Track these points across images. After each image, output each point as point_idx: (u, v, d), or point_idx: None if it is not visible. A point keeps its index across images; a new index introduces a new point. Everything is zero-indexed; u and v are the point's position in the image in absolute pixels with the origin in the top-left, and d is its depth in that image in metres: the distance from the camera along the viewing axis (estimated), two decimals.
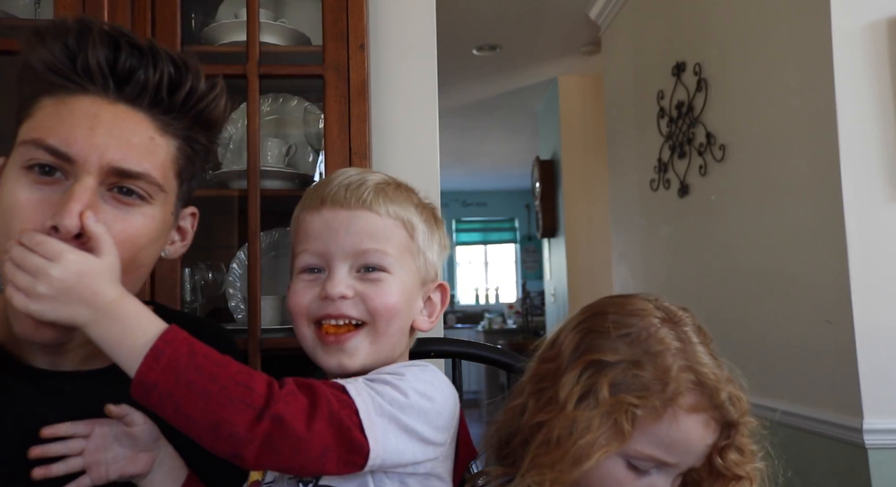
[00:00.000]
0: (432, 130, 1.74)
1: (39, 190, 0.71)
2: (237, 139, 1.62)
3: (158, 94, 0.75)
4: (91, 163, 0.71)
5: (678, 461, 0.73)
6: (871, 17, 1.74)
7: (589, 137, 4.71)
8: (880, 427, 1.64)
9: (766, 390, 2.05)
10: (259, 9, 1.52)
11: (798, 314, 1.91)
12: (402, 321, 0.79)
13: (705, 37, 2.45)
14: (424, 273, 0.82)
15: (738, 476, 0.75)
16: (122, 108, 0.74)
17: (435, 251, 0.84)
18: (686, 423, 0.72)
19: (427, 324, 0.83)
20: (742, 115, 2.22)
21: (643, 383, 0.72)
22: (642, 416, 0.71)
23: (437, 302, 0.84)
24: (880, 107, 1.72)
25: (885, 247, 1.70)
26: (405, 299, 0.79)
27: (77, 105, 0.72)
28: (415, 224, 0.80)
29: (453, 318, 8.09)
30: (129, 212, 0.75)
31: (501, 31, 3.93)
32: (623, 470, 0.73)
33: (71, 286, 0.64)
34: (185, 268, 1.53)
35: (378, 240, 0.77)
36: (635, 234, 3.18)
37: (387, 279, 0.77)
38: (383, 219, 0.78)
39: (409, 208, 0.81)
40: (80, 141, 0.71)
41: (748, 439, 0.75)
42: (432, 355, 1.19)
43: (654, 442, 0.72)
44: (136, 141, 0.74)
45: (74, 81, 0.73)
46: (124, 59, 0.73)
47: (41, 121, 0.72)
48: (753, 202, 2.14)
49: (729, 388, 0.74)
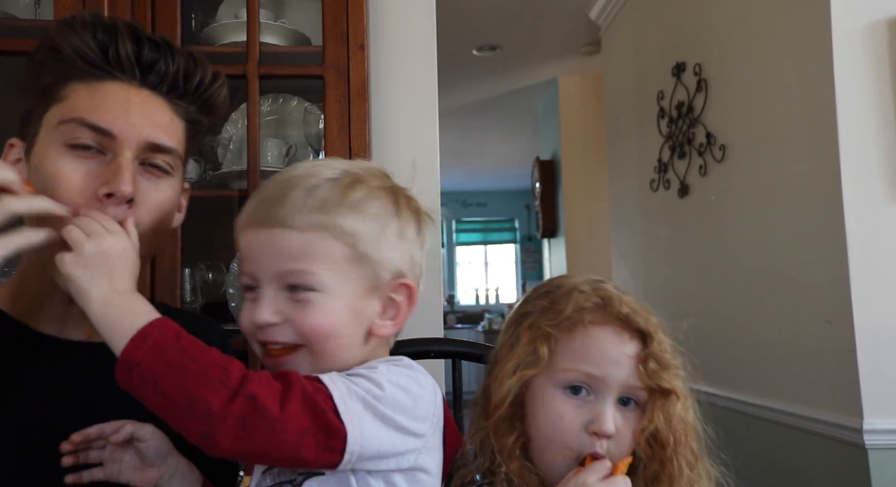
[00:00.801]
0: (432, 130, 1.74)
1: (84, 163, 0.80)
2: (237, 140, 1.62)
3: (176, 81, 0.86)
4: (129, 139, 0.81)
5: (603, 372, 0.79)
6: (871, 18, 1.74)
7: (589, 137, 4.72)
8: (880, 428, 1.64)
9: (767, 390, 2.05)
10: (259, 9, 1.53)
11: (798, 315, 1.91)
12: (343, 339, 0.73)
13: (705, 37, 2.45)
14: (374, 279, 0.73)
15: (664, 388, 0.80)
16: (147, 93, 0.84)
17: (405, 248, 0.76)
18: (597, 334, 0.80)
19: (389, 329, 0.76)
20: (742, 115, 2.22)
21: (555, 313, 0.82)
22: (556, 337, 0.81)
23: (402, 303, 0.76)
24: (880, 107, 1.72)
25: (886, 247, 1.70)
26: (345, 315, 0.72)
27: (110, 89, 0.82)
28: (354, 230, 0.72)
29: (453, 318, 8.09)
30: (159, 183, 0.85)
31: (501, 31, 3.93)
32: (561, 399, 0.80)
33: (110, 258, 0.71)
34: (186, 268, 1.54)
35: (299, 259, 0.71)
36: (635, 234, 3.18)
37: (316, 300, 0.71)
38: (304, 234, 0.71)
39: (347, 212, 0.72)
40: (120, 119, 0.80)
41: (668, 355, 0.81)
42: (432, 355, 1.19)
43: (574, 356, 0.80)
44: (162, 121, 0.85)
45: (105, 70, 0.82)
46: (147, 51, 0.83)
47: (76, 103, 0.81)
48: (753, 203, 2.14)
49: (634, 305, 0.82)
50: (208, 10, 1.69)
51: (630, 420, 0.81)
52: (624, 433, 0.80)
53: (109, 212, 0.78)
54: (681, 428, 0.81)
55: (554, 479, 0.79)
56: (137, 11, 1.47)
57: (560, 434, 0.79)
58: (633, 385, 0.80)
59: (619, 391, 0.80)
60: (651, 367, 0.80)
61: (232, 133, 1.65)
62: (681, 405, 0.82)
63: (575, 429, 0.79)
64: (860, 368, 1.66)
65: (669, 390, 0.80)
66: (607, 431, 0.78)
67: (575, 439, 0.79)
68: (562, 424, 0.79)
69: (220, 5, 1.67)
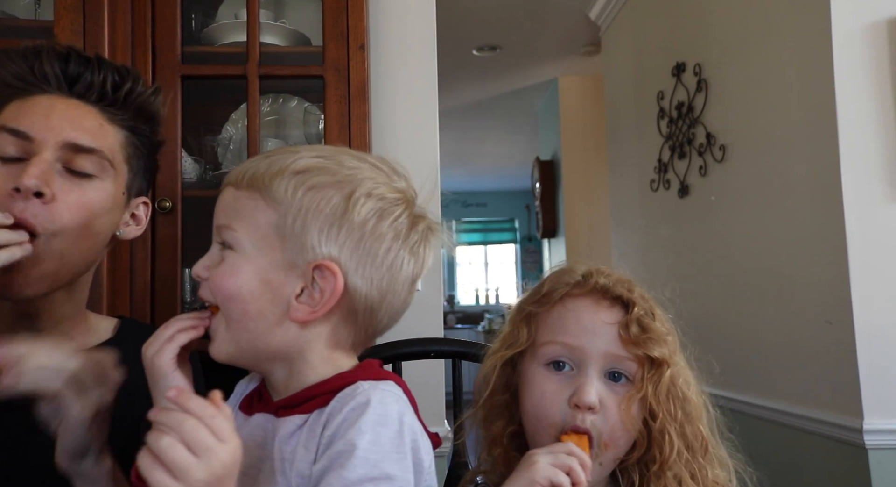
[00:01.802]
0: (432, 130, 1.74)
1: (4, 167, 0.84)
2: (237, 140, 1.63)
3: (104, 89, 0.91)
4: (48, 140, 0.85)
5: (580, 342, 0.77)
6: (871, 18, 1.74)
7: (589, 137, 4.72)
8: (880, 428, 1.64)
9: (767, 390, 2.05)
10: (259, 9, 1.53)
11: (798, 315, 1.91)
12: (248, 306, 0.67)
13: (705, 37, 2.45)
14: (294, 255, 0.67)
15: (652, 357, 0.77)
16: (74, 101, 0.89)
17: (351, 235, 0.68)
18: (574, 305, 0.80)
19: (301, 314, 0.68)
20: (742, 115, 2.22)
21: (536, 293, 0.83)
22: (536, 313, 0.81)
23: (326, 289, 0.67)
24: (880, 107, 1.72)
25: (886, 247, 1.70)
26: (253, 281, 0.67)
27: (36, 100, 0.88)
28: (283, 198, 0.68)
29: (453, 318, 8.09)
30: (82, 184, 0.87)
31: (501, 31, 3.93)
32: (544, 375, 0.79)
33: (223, 480, 0.57)
34: (185, 268, 1.54)
35: (229, 215, 0.70)
36: (635, 234, 3.18)
37: (229, 258, 0.69)
38: (238, 192, 0.70)
39: (287, 180, 0.68)
40: (38, 123, 0.85)
41: (656, 324, 0.79)
42: (432, 355, 1.19)
43: (551, 329, 0.80)
44: (88, 125, 0.89)
45: (34, 84, 0.88)
46: (73, 66, 0.89)
47: (7, 115, 0.87)
48: (753, 203, 2.14)
49: (617, 277, 0.81)
50: (208, 11, 1.69)
51: (619, 394, 0.77)
52: (611, 407, 0.76)
53: (18, 207, 0.81)
54: (675, 403, 0.78)
55: None
56: (137, 12, 1.47)
57: (544, 411, 0.77)
58: (616, 355, 0.77)
59: (601, 362, 0.77)
60: (634, 332, 0.77)
61: (232, 133, 1.65)
62: (672, 375, 0.78)
63: (557, 404, 0.77)
64: (860, 368, 1.66)
65: (657, 358, 0.77)
66: (587, 401, 0.75)
67: (558, 414, 0.76)
68: (544, 400, 0.77)
69: (220, 5, 1.67)
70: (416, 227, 0.72)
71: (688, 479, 0.77)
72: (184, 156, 1.54)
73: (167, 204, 1.47)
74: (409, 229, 0.71)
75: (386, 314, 0.72)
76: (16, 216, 0.80)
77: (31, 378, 0.70)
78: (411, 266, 0.72)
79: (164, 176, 1.48)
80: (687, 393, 0.80)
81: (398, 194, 0.72)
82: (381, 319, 0.72)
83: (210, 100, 1.71)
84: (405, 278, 0.72)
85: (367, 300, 0.70)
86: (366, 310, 0.70)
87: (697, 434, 0.79)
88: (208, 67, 1.58)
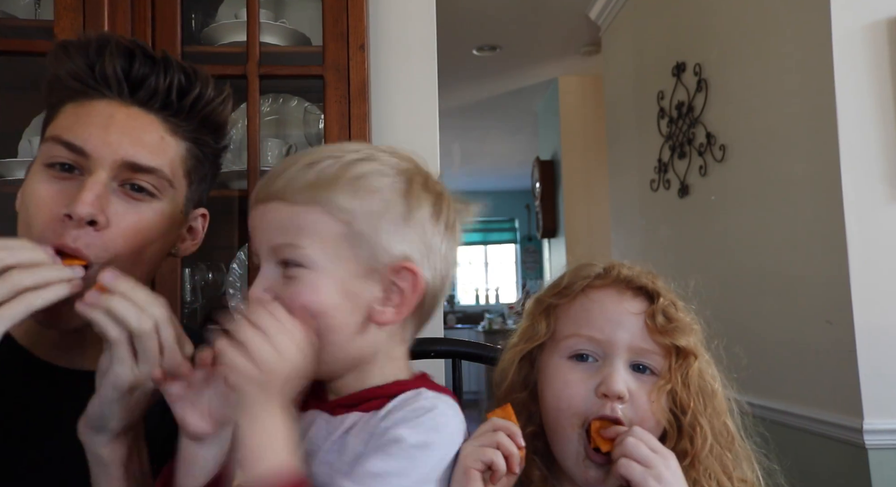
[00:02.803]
0: (432, 130, 1.74)
1: (58, 183, 0.78)
2: (237, 139, 1.63)
3: (169, 97, 0.82)
4: (104, 158, 0.77)
5: (606, 335, 0.76)
6: (871, 18, 1.74)
7: (589, 137, 4.72)
8: (880, 428, 1.64)
9: (767, 390, 2.05)
10: (259, 9, 1.53)
11: (798, 314, 1.91)
12: (333, 320, 0.67)
13: (705, 37, 2.45)
14: (371, 261, 0.67)
15: (679, 347, 0.76)
16: (136, 110, 0.81)
17: (415, 232, 0.69)
18: (596, 296, 0.78)
19: (388, 317, 0.69)
20: (742, 115, 2.22)
21: (555, 286, 0.82)
22: (556, 305, 0.80)
23: (406, 289, 0.68)
24: (880, 107, 1.72)
25: (885, 247, 1.70)
26: (335, 294, 0.67)
27: (94, 107, 0.80)
28: (349, 207, 0.67)
29: (453, 318, 8.09)
30: (139, 206, 0.80)
31: (501, 31, 3.93)
32: (566, 367, 0.77)
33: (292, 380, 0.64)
34: (186, 268, 1.54)
35: (289, 232, 0.67)
36: (635, 234, 3.18)
37: (304, 276, 0.67)
38: (294, 207, 0.67)
39: (345, 187, 0.67)
40: (95, 137, 0.78)
41: (681, 314, 0.79)
42: (432, 355, 1.19)
43: (574, 322, 0.78)
44: (148, 139, 0.81)
45: (93, 87, 0.80)
46: (138, 67, 0.81)
47: (62, 121, 0.80)
48: (753, 203, 2.14)
49: (639, 270, 0.81)
50: (208, 10, 1.69)
51: (646, 385, 0.75)
52: (639, 397, 0.74)
53: (71, 234, 0.75)
54: (704, 396, 0.77)
55: (569, 462, 0.75)
56: (137, 12, 1.47)
57: (567, 401, 0.75)
58: (642, 348, 0.76)
59: (628, 354, 0.76)
60: (660, 322, 0.76)
61: (232, 133, 1.64)
62: (700, 368, 0.77)
63: (581, 394, 0.75)
64: (860, 368, 1.66)
65: (684, 348, 0.76)
66: (616, 389, 0.73)
67: (582, 403, 0.74)
68: (568, 389, 0.75)
69: (220, 5, 1.67)
70: (448, 207, 0.73)
71: (719, 473, 0.76)
72: None
73: None
74: (455, 216, 0.73)
75: (437, 302, 0.74)
76: (68, 248, 0.75)
77: (111, 308, 0.68)
78: (455, 251, 0.74)
79: None
80: (714, 387, 0.79)
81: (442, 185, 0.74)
82: (434, 306, 0.74)
83: None
84: (452, 261, 0.74)
85: (433, 290, 0.71)
86: (430, 301, 0.72)
87: (724, 429, 0.78)
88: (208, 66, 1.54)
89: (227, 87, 0.91)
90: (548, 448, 0.79)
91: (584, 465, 0.74)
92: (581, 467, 0.75)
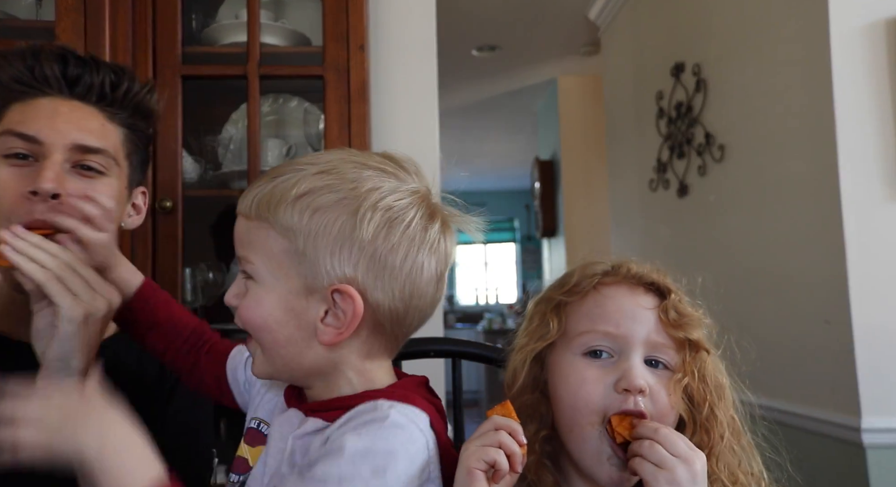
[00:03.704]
0: (432, 130, 1.74)
1: (18, 169, 0.89)
2: (237, 140, 1.63)
3: (103, 91, 0.94)
4: (56, 143, 0.89)
5: (622, 330, 0.76)
6: (870, 18, 1.74)
7: (588, 137, 4.72)
8: (878, 426, 1.64)
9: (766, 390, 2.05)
10: (259, 9, 1.53)
11: (797, 314, 1.91)
12: (276, 335, 0.68)
13: (704, 37, 2.45)
14: (311, 279, 0.67)
15: (693, 341, 0.77)
16: (76, 103, 0.93)
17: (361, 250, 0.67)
18: (610, 292, 0.78)
19: (328, 337, 0.68)
20: (741, 115, 2.22)
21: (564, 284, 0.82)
22: (567, 303, 0.79)
23: (347, 310, 0.67)
24: (878, 107, 1.73)
25: (884, 247, 1.70)
26: (277, 310, 0.68)
27: (39, 104, 0.91)
28: (290, 224, 0.67)
29: (453, 318, 8.09)
30: (92, 182, 0.92)
31: (501, 31, 3.93)
32: (582, 364, 0.76)
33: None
34: (186, 268, 1.54)
35: (244, 246, 0.71)
36: (635, 234, 3.19)
37: (252, 289, 0.70)
38: (249, 222, 0.70)
39: (291, 204, 0.67)
40: (45, 127, 0.89)
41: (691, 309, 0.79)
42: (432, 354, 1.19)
43: (589, 318, 0.77)
44: (91, 125, 0.93)
45: (35, 87, 0.91)
46: (72, 67, 0.93)
47: (12, 118, 0.91)
48: (752, 202, 2.14)
49: (648, 267, 0.81)
50: (208, 11, 1.70)
51: (662, 380, 0.75)
52: (658, 391, 0.74)
53: (39, 209, 0.85)
54: (717, 391, 0.77)
55: (589, 462, 0.74)
56: (138, 13, 1.47)
57: (584, 398, 0.74)
58: (658, 342, 0.76)
59: (644, 348, 0.76)
60: (672, 316, 0.76)
61: (232, 133, 1.65)
62: (712, 363, 0.78)
63: (600, 390, 0.74)
64: (858, 367, 1.66)
65: (696, 342, 0.77)
66: (638, 384, 0.72)
67: (601, 400, 0.73)
68: (584, 386, 0.74)
69: (220, 6, 1.67)
70: (431, 225, 0.70)
71: (734, 466, 0.76)
72: (184, 156, 1.55)
73: (168, 204, 1.48)
74: (424, 231, 0.70)
75: (414, 318, 0.72)
76: (39, 222, 0.84)
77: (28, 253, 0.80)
78: (433, 265, 0.70)
79: (165, 176, 1.49)
80: (723, 380, 0.79)
81: (409, 196, 0.70)
82: (409, 323, 0.72)
83: (210, 100, 1.72)
84: (429, 279, 0.70)
85: (391, 312, 0.69)
86: (392, 320, 0.70)
87: (732, 422, 0.78)
88: (209, 67, 1.58)
89: (152, 80, 1.07)
90: (559, 452, 0.78)
91: (609, 463, 0.73)
92: (604, 466, 0.74)
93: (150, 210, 1.47)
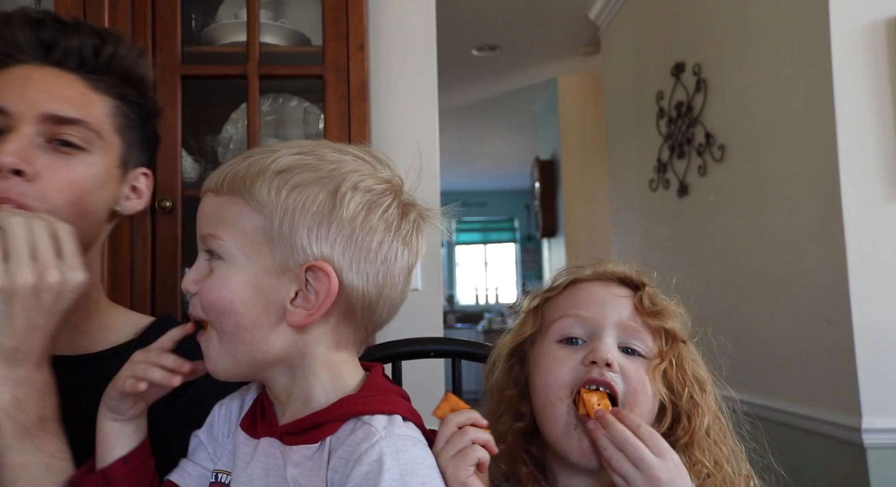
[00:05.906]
0: (432, 130, 1.74)
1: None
2: (237, 139, 1.63)
3: (83, 55, 0.85)
4: (24, 113, 0.80)
5: (593, 313, 0.78)
6: (870, 18, 1.74)
7: (588, 137, 4.72)
8: (879, 427, 1.64)
9: (765, 389, 2.05)
10: (259, 9, 1.53)
11: (797, 314, 1.91)
12: (242, 318, 0.65)
13: (704, 37, 2.45)
14: (286, 258, 0.65)
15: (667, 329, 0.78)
16: (53, 70, 0.84)
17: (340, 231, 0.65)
18: (586, 286, 0.81)
19: (301, 317, 0.65)
20: (741, 115, 2.22)
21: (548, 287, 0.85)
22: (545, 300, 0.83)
23: (321, 290, 0.64)
24: (879, 107, 1.73)
25: (884, 247, 1.70)
26: (245, 290, 0.65)
27: (11, 72, 0.83)
28: (267, 201, 0.65)
29: (453, 318, 8.09)
30: (69, 160, 0.82)
31: (501, 31, 3.93)
32: (556, 348, 0.78)
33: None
34: (186, 268, 1.54)
35: (212, 222, 0.66)
36: (635, 234, 3.19)
37: (219, 269, 0.66)
38: (220, 198, 0.67)
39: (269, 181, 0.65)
40: (13, 95, 0.81)
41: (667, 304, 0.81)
42: (432, 354, 1.19)
43: (563, 306, 0.81)
44: (68, 94, 0.83)
45: (8, 54, 0.83)
46: (48, 31, 0.84)
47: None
48: (752, 202, 2.14)
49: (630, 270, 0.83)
50: (208, 11, 1.70)
51: (638, 364, 0.76)
52: (630, 372, 0.75)
53: (1, 186, 0.76)
54: (697, 383, 0.78)
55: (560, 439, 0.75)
56: (138, 12, 1.47)
57: (554, 375, 0.76)
58: (631, 326, 0.77)
59: (616, 330, 0.77)
60: (647, 304, 0.78)
61: (232, 133, 1.65)
62: (689, 355, 0.79)
63: (569, 366, 0.76)
64: (859, 367, 1.66)
65: (672, 331, 0.78)
66: (604, 356, 0.74)
67: (569, 373, 0.75)
68: (555, 365, 0.76)
69: (220, 5, 1.67)
70: (406, 216, 0.69)
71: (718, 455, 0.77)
72: (184, 156, 1.55)
73: (167, 204, 1.48)
74: (399, 220, 0.68)
75: (385, 308, 0.69)
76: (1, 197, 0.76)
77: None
78: (406, 257, 0.69)
79: (165, 176, 1.48)
80: (702, 374, 0.80)
81: (385, 184, 0.69)
82: (380, 313, 0.69)
83: (210, 100, 1.72)
84: (401, 270, 0.69)
85: (364, 297, 0.67)
86: (364, 306, 0.67)
87: (716, 421, 0.79)
88: (208, 66, 1.58)
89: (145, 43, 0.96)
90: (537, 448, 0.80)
91: (577, 433, 0.74)
92: (573, 438, 0.74)
93: (150, 210, 1.47)
